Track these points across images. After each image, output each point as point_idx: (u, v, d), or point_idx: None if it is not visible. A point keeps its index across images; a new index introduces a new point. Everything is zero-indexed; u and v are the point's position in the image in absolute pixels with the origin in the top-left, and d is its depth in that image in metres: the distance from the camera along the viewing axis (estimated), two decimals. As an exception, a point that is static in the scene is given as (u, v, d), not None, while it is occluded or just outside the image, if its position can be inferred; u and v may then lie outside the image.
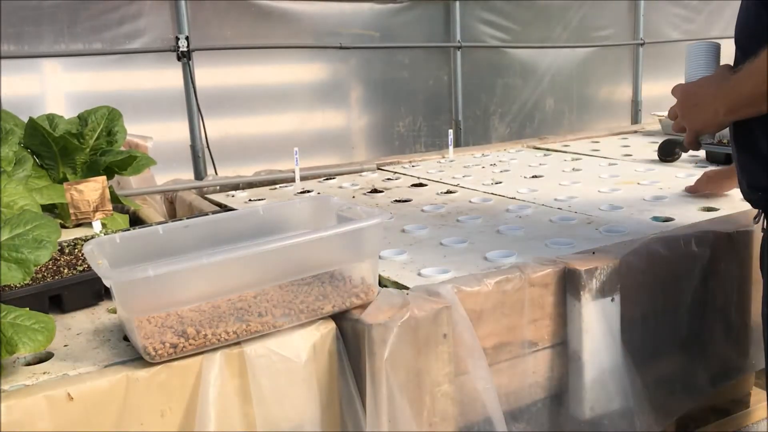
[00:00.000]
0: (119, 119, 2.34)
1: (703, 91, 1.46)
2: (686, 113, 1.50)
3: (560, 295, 1.58)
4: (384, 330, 1.30)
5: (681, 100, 1.52)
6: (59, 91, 3.44)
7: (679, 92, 1.54)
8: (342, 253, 1.35)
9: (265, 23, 3.83)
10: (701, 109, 1.46)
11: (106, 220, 2.06)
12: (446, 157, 3.33)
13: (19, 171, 2.04)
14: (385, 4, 4.22)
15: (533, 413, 1.60)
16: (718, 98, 1.41)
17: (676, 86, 1.56)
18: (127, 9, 3.45)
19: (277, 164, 3.30)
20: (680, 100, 1.52)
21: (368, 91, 4.33)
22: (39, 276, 1.52)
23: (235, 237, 1.44)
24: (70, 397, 1.11)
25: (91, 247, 1.28)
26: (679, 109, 1.53)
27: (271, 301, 1.29)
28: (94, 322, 1.42)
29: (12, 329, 1.14)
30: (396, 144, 4.44)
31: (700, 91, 1.47)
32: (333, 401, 1.34)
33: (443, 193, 2.52)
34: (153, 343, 1.18)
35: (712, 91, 1.44)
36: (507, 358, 1.53)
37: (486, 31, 4.64)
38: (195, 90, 3.56)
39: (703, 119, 1.47)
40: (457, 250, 1.79)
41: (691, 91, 1.50)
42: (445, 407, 1.40)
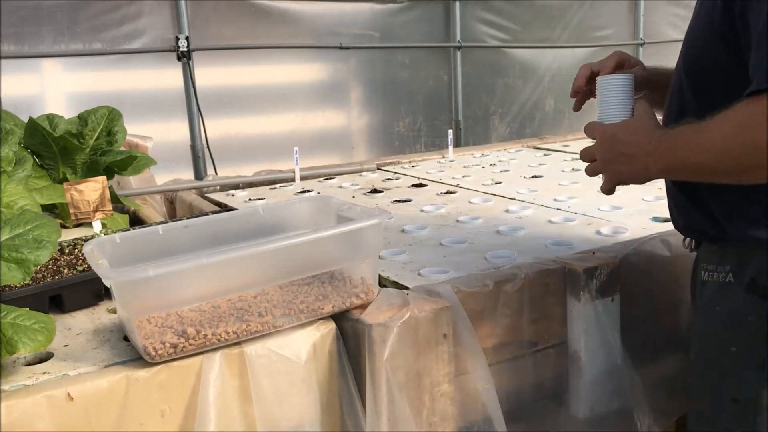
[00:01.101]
0: (119, 119, 2.34)
1: (633, 141, 1.25)
2: (610, 161, 1.29)
3: (560, 295, 1.58)
4: (384, 330, 1.30)
5: (604, 145, 1.30)
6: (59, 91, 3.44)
7: (601, 135, 1.32)
8: (342, 253, 1.35)
9: (265, 23, 3.83)
10: (630, 161, 1.26)
11: (106, 220, 2.06)
12: (446, 157, 3.33)
13: (19, 171, 2.04)
14: (385, 4, 4.22)
15: (533, 413, 1.60)
16: (651, 155, 1.21)
17: (592, 125, 1.35)
18: (127, 9, 3.45)
19: (277, 164, 3.30)
20: (603, 144, 1.31)
21: (368, 91, 4.33)
22: (39, 276, 1.52)
23: (235, 237, 1.44)
24: (70, 397, 1.11)
25: (91, 247, 1.28)
26: (600, 154, 1.31)
27: (271, 301, 1.29)
28: (94, 322, 1.42)
29: (12, 329, 1.14)
30: (396, 144, 4.44)
31: (628, 139, 1.25)
32: (333, 401, 1.34)
33: (443, 193, 2.52)
34: (153, 343, 1.18)
35: (644, 143, 1.23)
36: (507, 358, 1.53)
37: (486, 31, 4.64)
38: (195, 90, 3.56)
39: (630, 172, 1.27)
40: (457, 250, 1.79)
41: (618, 137, 1.27)
42: (445, 407, 1.40)
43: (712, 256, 1.32)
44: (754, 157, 1.05)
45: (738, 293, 1.25)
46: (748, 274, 1.24)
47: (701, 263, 1.36)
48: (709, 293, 1.32)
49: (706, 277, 1.33)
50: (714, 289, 1.31)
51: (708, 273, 1.33)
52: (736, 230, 1.26)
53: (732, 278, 1.27)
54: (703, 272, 1.34)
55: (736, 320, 1.26)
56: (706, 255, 1.35)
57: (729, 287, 1.28)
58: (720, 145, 1.09)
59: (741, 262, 1.26)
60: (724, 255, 1.29)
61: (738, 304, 1.25)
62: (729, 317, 1.27)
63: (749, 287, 1.24)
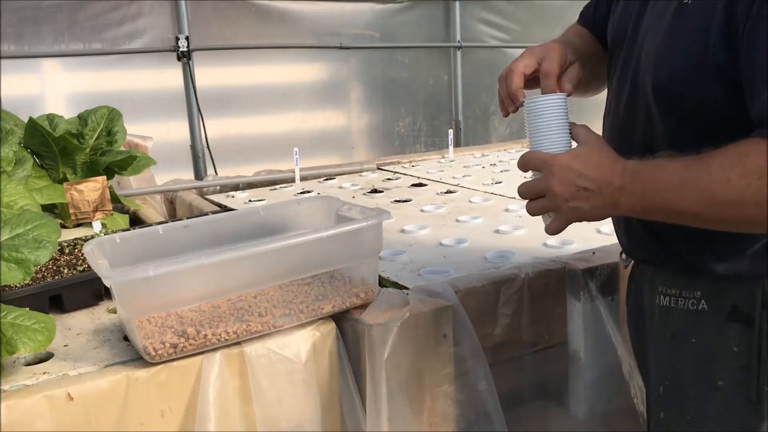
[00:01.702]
0: (119, 119, 2.34)
1: (598, 174, 1.07)
2: (566, 197, 1.09)
3: (560, 295, 1.58)
4: (384, 330, 1.30)
5: (557, 180, 1.09)
6: (59, 91, 3.44)
7: (552, 168, 1.10)
8: (342, 253, 1.35)
9: (265, 23, 3.83)
10: (593, 197, 1.07)
11: (106, 220, 2.06)
12: (446, 157, 3.33)
13: (19, 171, 2.04)
14: (385, 4, 4.22)
15: (533, 413, 1.60)
16: (624, 192, 1.05)
17: (534, 155, 1.14)
18: (127, 9, 3.45)
19: (277, 164, 3.30)
20: (556, 178, 1.09)
21: (368, 91, 4.33)
22: (39, 276, 1.52)
23: (235, 237, 1.44)
24: (70, 397, 1.11)
25: (91, 247, 1.28)
26: (552, 190, 1.10)
27: (271, 301, 1.29)
28: (94, 322, 1.42)
29: (12, 329, 1.14)
30: (396, 144, 4.44)
31: (591, 173, 1.07)
32: (333, 401, 1.34)
33: (443, 193, 2.52)
34: (153, 343, 1.18)
35: (611, 177, 1.06)
36: (507, 358, 1.53)
37: (486, 31, 4.64)
38: (195, 90, 3.56)
39: (593, 209, 1.09)
40: (457, 250, 1.79)
41: (575, 169, 1.08)
42: (445, 407, 1.40)
43: (673, 278, 1.18)
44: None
45: (715, 322, 1.13)
46: (726, 301, 1.12)
47: (657, 286, 1.21)
48: (676, 322, 1.18)
49: (666, 302, 1.19)
50: (682, 318, 1.17)
51: (669, 298, 1.18)
52: (707, 266, 1.13)
53: (705, 306, 1.14)
54: (662, 296, 1.20)
55: (719, 352, 1.13)
56: (664, 278, 1.20)
57: (703, 316, 1.14)
58: (727, 195, 0.95)
59: (715, 289, 1.13)
60: (691, 280, 1.16)
61: (719, 334, 1.13)
62: (710, 349, 1.14)
63: (732, 316, 1.12)
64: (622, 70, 1.21)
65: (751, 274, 1.10)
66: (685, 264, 1.16)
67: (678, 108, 1.08)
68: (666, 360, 1.21)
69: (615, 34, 1.26)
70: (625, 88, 1.19)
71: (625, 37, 1.21)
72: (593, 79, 1.33)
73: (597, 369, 1.58)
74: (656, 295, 1.21)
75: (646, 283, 1.25)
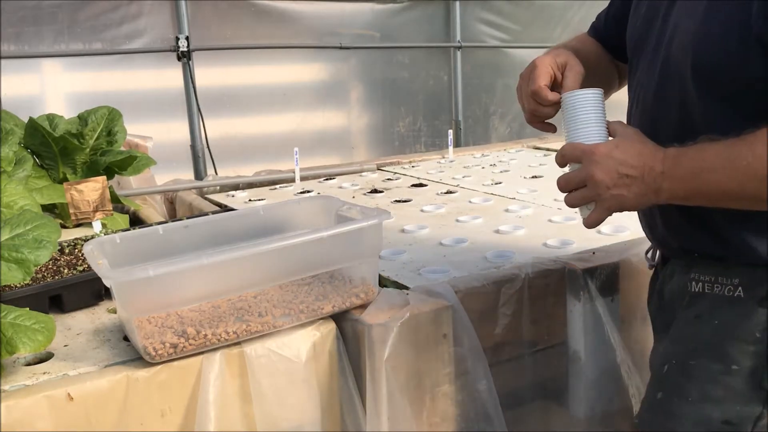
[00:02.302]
0: (119, 119, 2.34)
1: (639, 161, 1.09)
2: (609, 185, 1.10)
3: (560, 295, 1.58)
4: (384, 330, 1.30)
5: (600, 168, 1.11)
6: (59, 91, 3.44)
7: (594, 156, 1.12)
8: (342, 253, 1.35)
9: (265, 23, 3.83)
10: (636, 183, 1.09)
11: (106, 220, 2.06)
12: (446, 158, 3.33)
13: (19, 171, 2.04)
14: (385, 4, 4.22)
15: (533, 413, 1.60)
16: (667, 177, 1.07)
17: (574, 146, 1.16)
18: (127, 9, 3.45)
19: (277, 164, 3.30)
20: (598, 167, 1.11)
21: (368, 91, 4.33)
22: (39, 276, 1.52)
23: (235, 237, 1.44)
24: (70, 397, 1.11)
25: (91, 247, 1.28)
26: (594, 178, 1.11)
27: (271, 301, 1.29)
28: (94, 322, 1.42)
29: (12, 329, 1.14)
30: (396, 144, 4.43)
31: (633, 160, 1.09)
32: (333, 401, 1.34)
33: (443, 193, 2.52)
34: (153, 343, 1.18)
35: (653, 163, 1.08)
36: (507, 358, 1.53)
37: (486, 31, 4.64)
38: (195, 90, 3.56)
39: (636, 196, 1.10)
40: (457, 250, 1.79)
41: (617, 157, 1.10)
42: (445, 407, 1.40)
43: (709, 267, 1.18)
44: None
45: (746, 307, 1.13)
46: (762, 289, 1.12)
47: (691, 274, 1.21)
48: (705, 305, 1.18)
49: (698, 288, 1.19)
50: (713, 302, 1.17)
51: (704, 284, 1.18)
52: (750, 249, 1.12)
53: (742, 293, 1.14)
54: (695, 283, 1.20)
55: (741, 335, 1.13)
56: (697, 265, 1.20)
57: (738, 302, 1.14)
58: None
59: (754, 276, 1.13)
60: (727, 267, 1.16)
61: (745, 318, 1.13)
62: (731, 331, 1.14)
63: (764, 301, 1.12)
64: (649, 66, 1.21)
65: None
66: (728, 248, 1.14)
67: (718, 89, 1.08)
68: (681, 339, 1.21)
69: (639, 32, 1.26)
70: (653, 81, 1.19)
71: (651, 33, 1.22)
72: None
73: (597, 369, 1.58)
74: (689, 282, 1.20)
75: (676, 276, 1.24)
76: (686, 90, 1.12)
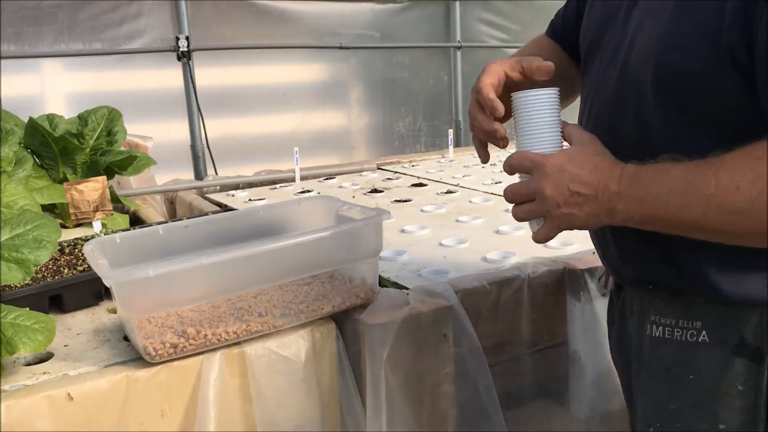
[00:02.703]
0: (119, 119, 2.34)
1: (593, 178, 0.97)
2: (558, 203, 0.99)
3: (560, 295, 1.58)
4: (384, 330, 1.30)
5: (551, 182, 0.99)
6: (59, 91, 3.44)
7: (544, 169, 1.00)
8: (342, 253, 1.35)
9: (265, 23, 3.83)
10: (588, 202, 0.97)
11: (106, 220, 2.06)
12: (446, 157, 3.33)
13: (19, 171, 2.04)
14: (385, 4, 4.22)
15: (533, 413, 1.60)
16: (622, 198, 0.95)
17: (524, 155, 1.04)
18: (127, 9, 3.45)
19: (277, 164, 3.30)
20: (548, 181, 0.99)
21: (368, 91, 4.33)
22: (39, 276, 1.52)
23: (235, 237, 1.44)
24: (70, 397, 1.11)
25: (91, 247, 1.28)
26: (543, 193, 1.00)
27: (271, 301, 1.29)
28: (94, 322, 1.42)
29: (12, 329, 1.14)
30: (396, 144, 4.44)
31: (587, 175, 0.97)
32: (333, 401, 1.34)
33: (443, 193, 2.52)
34: (153, 343, 1.18)
35: (609, 181, 0.96)
36: (507, 358, 1.53)
37: (486, 31, 4.64)
38: (195, 90, 3.56)
39: (587, 216, 0.99)
40: (457, 251, 1.79)
41: (570, 171, 0.98)
42: (445, 407, 1.40)
43: (667, 306, 1.06)
44: None
45: (718, 356, 1.01)
46: (732, 332, 1.00)
47: (649, 315, 1.08)
48: (671, 355, 1.05)
49: (659, 332, 1.07)
50: (678, 350, 1.04)
51: (663, 328, 1.06)
52: (713, 285, 0.99)
53: (707, 337, 1.02)
54: (654, 326, 1.07)
55: (722, 391, 1.01)
56: (657, 306, 1.08)
57: (704, 349, 1.02)
58: (735, 203, 0.86)
59: (720, 318, 1.01)
60: (689, 307, 1.04)
61: (722, 370, 1.01)
62: (711, 387, 1.02)
63: (738, 350, 0.99)
64: (606, 69, 1.09)
65: (763, 299, 0.96)
66: (687, 280, 1.02)
67: (680, 101, 0.97)
68: (659, 398, 1.08)
69: (594, 33, 1.15)
70: (609, 87, 1.07)
71: (608, 33, 1.11)
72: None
73: (597, 369, 1.58)
74: (646, 324, 1.09)
75: (633, 312, 1.13)
76: (644, 100, 1.00)
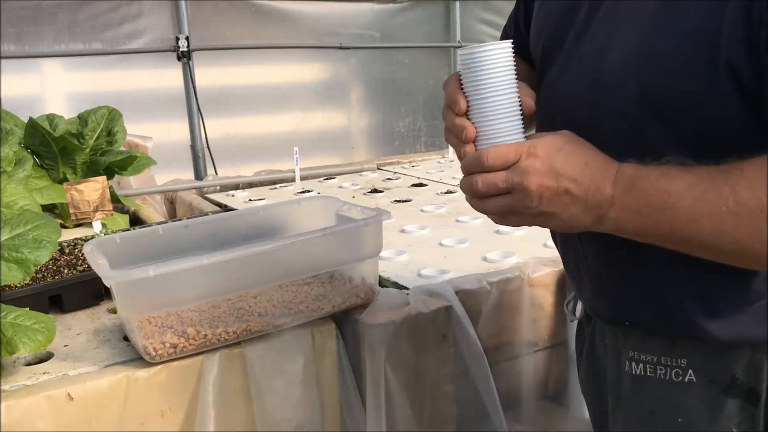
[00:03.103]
0: (119, 119, 2.34)
1: (585, 177, 0.82)
2: (540, 199, 0.83)
3: (560, 295, 1.58)
4: (384, 330, 1.30)
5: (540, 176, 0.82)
6: (59, 91, 3.44)
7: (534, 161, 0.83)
8: (342, 253, 1.35)
9: (265, 23, 3.83)
10: (575, 206, 0.83)
11: (106, 220, 2.06)
12: (446, 157, 3.33)
13: (19, 171, 2.04)
14: (385, 4, 4.22)
15: (533, 413, 1.60)
16: (616, 204, 0.82)
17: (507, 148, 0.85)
18: (127, 9, 3.45)
19: (277, 164, 3.30)
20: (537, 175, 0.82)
21: (368, 91, 4.33)
22: (39, 276, 1.52)
23: (235, 237, 1.44)
24: (70, 397, 1.11)
25: (91, 247, 1.28)
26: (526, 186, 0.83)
27: (271, 301, 1.29)
28: (94, 322, 1.42)
29: (12, 329, 1.14)
30: (396, 144, 4.44)
31: (576, 173, 0.82)
32: (333, 401, 1.34)
33: (443, 193, 2.51)
34: (153, 343, 1.18)
35: (602, 182, 0.82)
36: (507, 358, 1.53)
37: (486, 31, 4.64)
38: (195, 90, 3.56)
39: (568, 219, 0.84)
40: (457, 250, 1.79)
41: (558, 165, 0.82)
42: (445, 407, 1.40)
43: (645, 342, 0.95)
44: None
45: (709, 397, 0.90)
46: (722, 371, 0.89)
47: (625, 349, 0.97)
48: (654, 394, 0.94)
49: (639, 370, 0.95)
50: (662, 390, 0.93)
51: (644, 366, 0.95)
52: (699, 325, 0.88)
53: (694, 377, 0.91)
54: (632, 363, 0.96)
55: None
56: (634, 341, 0.96)
57: (692, 389, 0.91)
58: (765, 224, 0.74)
59: (706, 356, 0.90)
60: (671, 343, 0.93)
61: (713, 412, 0.90)
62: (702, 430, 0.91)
63: (730, 390, 0.89)
64: (571, 78, 0.95)
65: (757, 337, 0.87)
66: (668, 323, 0.91)
67: (672, 122, 0.84)
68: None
69: (550, 37, 1.01)
70: (579, 99, 0.93)
71: (566, 38, 0.97)
72: None
73: (597, 369, 1.58)
74: (623, 360, 0.97)
75: (606, 345, 1.02)
76: (626, 117, 0.86)
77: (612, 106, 0.88)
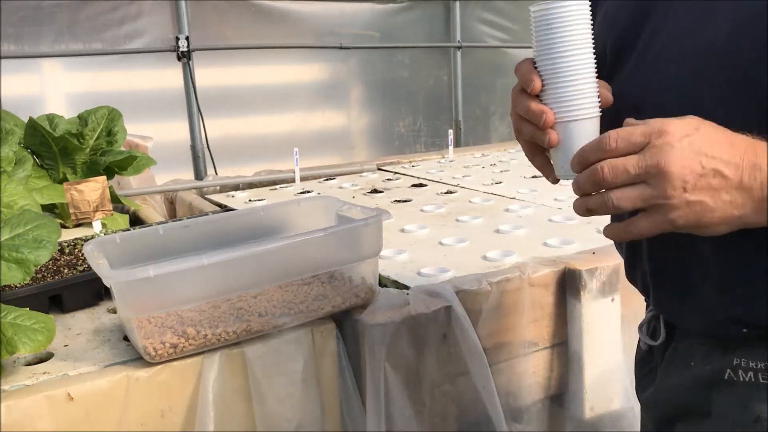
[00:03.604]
0: (119, 119, 2.34)
1: (736, 155, 0.72)
2: (686, 185, 0.71)
3: (560, 295, 1.58)
4: (384, 330, 1.30)
5: (680, 157, 0.71)
6: (59, 91, 3.44)
7: (668, 137, 0.72)
8: (342, 253, 1.35)
9: (265, 23, 3.83)
10: (728, 190, 0.72)
11: (106, 220, 2.06)
12: (446, 157, 3.33)
13: (19, 171, 2.04)
14: (385, 4, 4.22)
15: (533, 413, 1.60)
16: None
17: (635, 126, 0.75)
18: (127, 9, 3.45)
19: (277, 164, 3.30)
20: (676, 154, 0.71)
21: (368, 91, 4.33)
22: (39, 276, 1.52)
23: (235, 237, 1.44)
24: (70, 397, 1.11)
25: (91, 247, 1.28)
26: (667, 169, 0.71)
27: (271, 301, 1.29)
28: (94, 322, 1.42)
29: (12, 329, 1.14)
30: (396, 144, 4.44)
31: (724, 152, 0.72)
32: (333, 401, 1.34)
33: (443, 193, 2.52)
34: (153, 343, 1.18)
35: (757, 158, 0.71)
36: (507, 358, 1.53)
37: (486, 31, 4.64)
38: (195, 90, 3.56)
39: (721, 208, 0.72)
40: (457, 250, 1.79)
41: (699, 144, 0.72)
42: (445, 407, 1.40)
43: (753, 349, 0.87)
44: None
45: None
46: None
47: (733, 356, 0.88)
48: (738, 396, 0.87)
49: (749, 377, 0.87)
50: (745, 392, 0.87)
51: (756, 373, 0.86)
52: None
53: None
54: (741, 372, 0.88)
55: None
56: (743, 345, 0.88)
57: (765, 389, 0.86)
58: None
59: None
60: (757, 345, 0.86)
61: None
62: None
63: None
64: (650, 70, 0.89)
65: None
66: None
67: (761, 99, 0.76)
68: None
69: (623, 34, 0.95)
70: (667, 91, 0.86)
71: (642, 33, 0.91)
72: None
73: (597, 369, 1.58)
74: (728, 369, 0.88)
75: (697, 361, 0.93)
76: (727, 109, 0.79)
77: (708, 94, 0.80)
